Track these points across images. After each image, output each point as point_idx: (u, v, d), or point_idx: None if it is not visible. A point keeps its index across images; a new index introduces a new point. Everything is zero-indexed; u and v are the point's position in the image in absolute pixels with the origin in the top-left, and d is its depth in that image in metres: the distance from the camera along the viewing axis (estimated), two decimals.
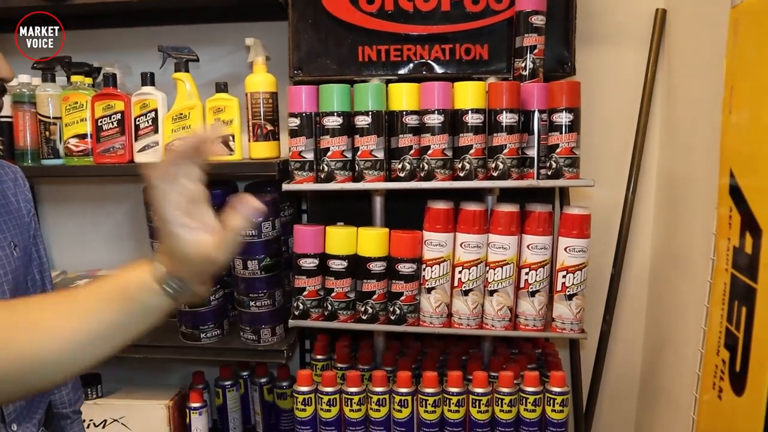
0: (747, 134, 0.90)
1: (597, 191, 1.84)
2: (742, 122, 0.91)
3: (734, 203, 0.93)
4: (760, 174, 0.85)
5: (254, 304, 1.67)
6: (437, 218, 1.49)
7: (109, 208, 2.07)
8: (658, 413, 1.84)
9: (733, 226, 0.92)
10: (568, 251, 1.49)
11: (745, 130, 0.91)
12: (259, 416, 1.93)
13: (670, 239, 1.78)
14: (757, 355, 0.81)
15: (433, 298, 1.51)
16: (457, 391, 1.56)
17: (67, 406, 1.29)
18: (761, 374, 0.79)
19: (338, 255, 1.52)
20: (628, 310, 1.92)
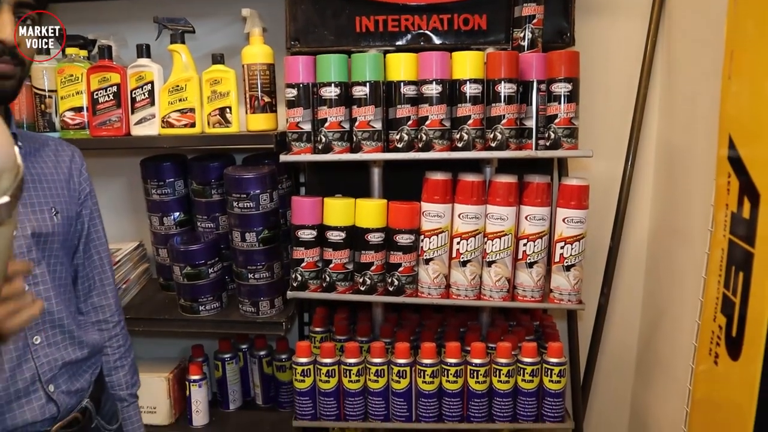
0: (746, 100, 0.90)
1: (595, 163, 1.84)
2: (741, 88, 0.91)
3: (733, 170, 0.92)
4: (760, 140, 0.85)
5: (253, 276, 1.67)
6: (435, 189, 1.49)
7: (105, 181, 2.06)
8: (655, 384, 1.85)
9: (732, 192, 0.92)
10: (566, 222, 1.48)
11: (744, 96, 0.90)
12: (259, 388, 1.95)
13: (668, 211, 1.78)
14: (754, 318, 0.81)
15: (432, 269, 1.51)
16: (455, 362, 1.57)
17: (124, 388, 1.32)
18: (757, 338, 0.80)
19: (336, 226, 1.52)
20: (626, 283, 1.93)
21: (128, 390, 1.33)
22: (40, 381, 1.06)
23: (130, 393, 1.34)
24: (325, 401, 1.62)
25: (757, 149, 0.86)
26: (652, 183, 1.85)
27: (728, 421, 0.96)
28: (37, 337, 1.06)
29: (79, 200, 1.19)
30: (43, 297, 1.07)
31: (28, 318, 0.83)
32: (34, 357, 1.05)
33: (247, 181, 1.60)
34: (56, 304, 1.09)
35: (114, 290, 1.30)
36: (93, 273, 1.25)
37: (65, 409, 1.10)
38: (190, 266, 1.70)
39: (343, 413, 1.63)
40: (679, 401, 1.61)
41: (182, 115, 1.70)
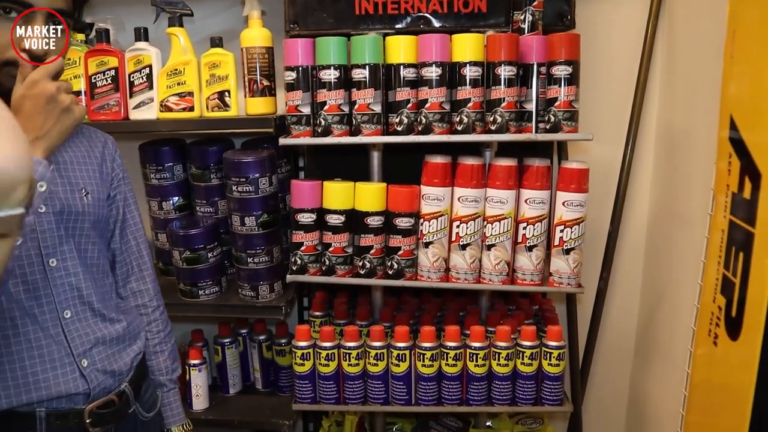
0: (748, 80, 0.89)
1: (595, 147, 1.83)
2: (743, 67, 0.90)
3: (734, 150, 0.92)
4: (761, 120, 0.85)
5: (252, 260, 1.67)
6: (435, 172, 1.48)
7: None
8: (653, 368, 1.86)
9: (732, 173, 0.91)
10: (566, 205, 1.48)
11: (746, 76, 0.90)
12: (258, 373, 1.95)
13: (668, 195, 1.77)
14: (754, 298, 0.81)
15: (431, 252, 1.51)
16: (455, 345, 1.58)
17: (163, 373, 1.33)
18: (757, 317, 0.80)
19: (336, 210, 1.51)
20: (625, 267, 1.93)
21: (168, 375, 1.33)
22: (72, 354, 1.08)
23: (170, 378, 1.34)
24: (324, 385, 1.62)
25: (759, 129, 0.86)
26: (652, 167, 1.85)
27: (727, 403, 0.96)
28: (67, 312, 1.08)
29: (111, 184, 1.22)
30: (71, 273, 1.10)
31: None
32: (65, 330, 1.08)
33: (246, 165, 1.60)
34: (84, 281, 1.11)
35: (152, 275, 1.32)
36: (130, 258, 1.27)
37: (100, 389, 1.11)
38: (190, 250, 1.70)
39: (343, 397, 1.64)
40: (678, 385, 1.62)
41: (181, 99, 1.69)
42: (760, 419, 0.86)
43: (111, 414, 1.13)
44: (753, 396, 0.84)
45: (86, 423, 1.09)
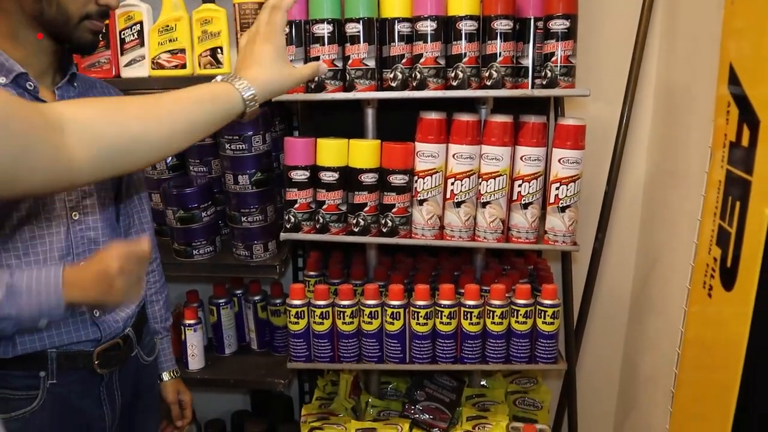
0: (749, 26, 0.87)
1: (592, 105, 1.81)
2: (744, 13, 0.88)
3: (732, 99, 0.90)
4: (761, 66, 0.83)
5: (246, 219, 1.66)
6: (429, 129, 1.47)
7: None
8: (647, 327, 1.87)
9: (731, 122, 0.90)
10: (561, 163, 1.47)
11: (747, 22, 0.88)
12: (254, 333, 1.96)
13: (665, 155, 1.76)
14: (749, 245, 0.81)
15: (425, 210, 1.50)
16: (449, 303, 1.57)
17: (158, 321, 1.42)
18: (752, 265, 0.79)
19: (329, 167, 1.50)
20: (621, 227, 1.93)
21: (162, 323, 1.43)
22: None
23: (164, 326, 1.44)
24: (319, 343, 1.63)
25: (759, 77, 0.84)
26: (650, 125, 1.83)
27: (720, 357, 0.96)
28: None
29: None
30: (90, 227, 1.14)
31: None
32: None
33: (239, 122, 1.57)
34: (101, 235, 1.15)
35: (151, 229, 1.37)
36: (133, 212, 1.31)
37: (108, 333, 1.17)
38: (183, 210, 1.69)
39: (337, 355, 1.64)
40: (672, 344, 1.62)
41: (173, 56, 1.67)
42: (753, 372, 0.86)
43: (117, 356, 1.20)
44: (746, 346, 0.84)
45: (95, 364, 1.15)
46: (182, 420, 1.51)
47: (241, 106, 0.93)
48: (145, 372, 1.32)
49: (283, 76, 0.97)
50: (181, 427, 1.52)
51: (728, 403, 0.91)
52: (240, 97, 0.92)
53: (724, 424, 0.93)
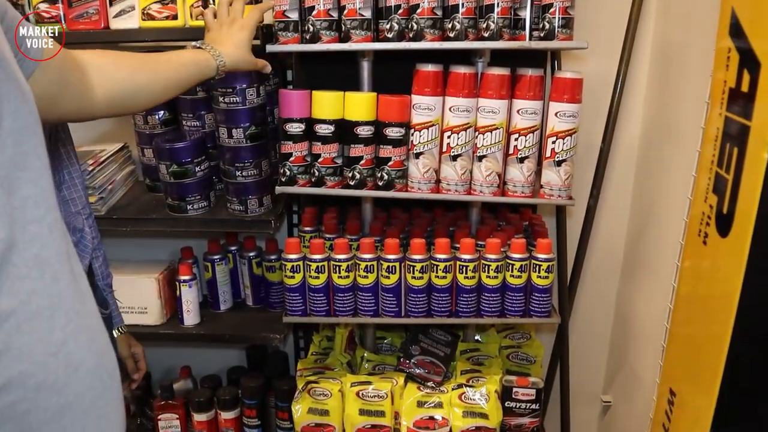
0: None
1: (589, 60, 1.80)
2: None
3: (733, 44, 0.90)
4: (761, 7, 0.82)
5: (240, 174, 1.65)
6: (426, 81, 1.45)
7: None
8: (640, 283, 1.89)
9: (731, 68, 0.89)
10: (558, 116, 1.46)
11: None
12: (249, 289, 1.96)
13: (661, 110, 1.75)
14: (746, 190, 0.81)
15: (422, 163, 1.50)
16: (445, 257, 1.58)
17: (100, 278, 1.38)
18: (749, 208, 0.80)
19: (325, 119, 1.48)
20: (616, 184, 1.93)
21: (104, 280, 1.38)
22: None
23: (107, 283, 1.39)
24: (314, 297, 1.63)
25: (760, 21, 0.83)
26: (646, 81, 1.82)
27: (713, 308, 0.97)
28: None
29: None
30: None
31: None
32: None
33: (233, 74, 1.54)
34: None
35: (83, 184, 1.30)
36: (61, 166, 1.24)
37: None
38: (177, 164, 1.68)
39: (333, 309, 1.65)
40: (663, 299, 1.64)
41: (163, 7, 1.63)
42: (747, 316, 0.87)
43: None
44: (740, 292, 0.85)
45: None
46: (138, 372, 1.52)
47: (213, 73, 1.21)
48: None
49: (247, 60, 1.29)
50: (137, 379, 1.53)
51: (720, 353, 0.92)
52: (215, 66, 1.21)
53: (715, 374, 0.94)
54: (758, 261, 0.80)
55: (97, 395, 0.70)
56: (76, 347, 0.67)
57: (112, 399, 0.74)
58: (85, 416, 0.68)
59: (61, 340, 0.65)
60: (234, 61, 1.24)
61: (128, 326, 1.51)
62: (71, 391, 0.66)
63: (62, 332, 0.65)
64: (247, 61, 1.29)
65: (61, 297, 0.66)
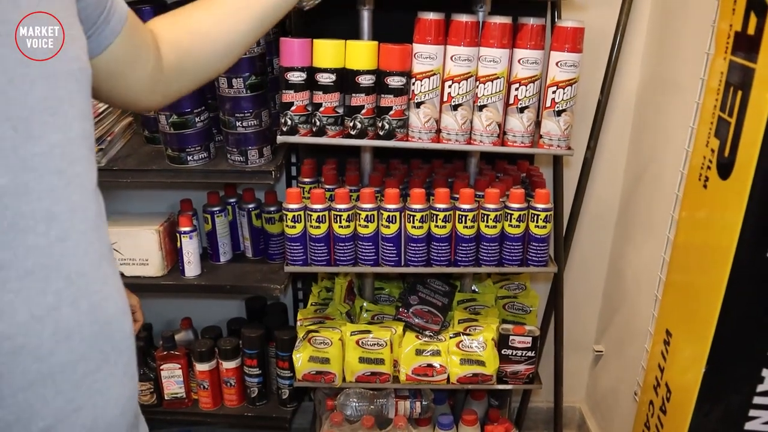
0: None
1: (589, 11, 1.79)
2: None
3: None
4: None
5: (240, 124, 1.65)
6: (428, 29, 1.44)
7: None
8: (633, 234, 1.92)
9: (737, 11, 0.90)
10: (559, 66, 1.46)
11: None
12: (248, 241, 1.98)
13: (660, 63, 1.76)
14: (749, 131, 0.83)
15: (422, 112, 1.50)
16: (444, 207, 1.60)
17: None
18: (751, 149, 0.81)
19: (326, 68, 1.48)
20: (613, 136, 1.95)
21: None
22: None
23: None
24: (315, 246, 1.65)
25: None
26: (646, 32, 1.82)
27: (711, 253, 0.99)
28: None
29: None
30: None
31: None
32: None
33: None
34: None
35: None
36: None
37: None
38: (177, 114, 1.67)
39: (334, 258, 1.67)
40: (657, 250, 1.68)
41: None
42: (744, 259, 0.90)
43: None
44: (739, 231, 0.87)
45: None
46: (135, 323, 1.52)
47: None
48: None
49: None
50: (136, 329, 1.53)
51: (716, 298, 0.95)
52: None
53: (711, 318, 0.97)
54: (758, 200, 0.82)
55: (95, 368, 0.65)
56: (71, 313, 0.62)
57: (115, 374, 0.68)
58: (75, 389, 0.63)
59: (52, 305, 0.60)
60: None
61: (130, 278, 1.51)
62: (57, 359, 0.61)
63: (56, 296, 0.61)
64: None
65: (63, 258, 0.61)
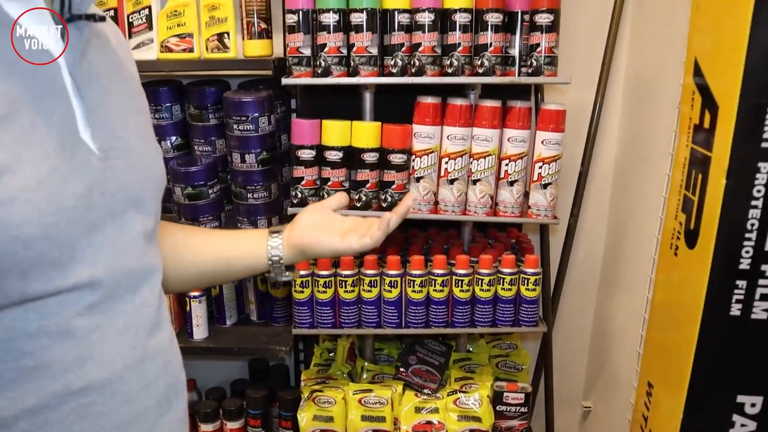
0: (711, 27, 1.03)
1: (569, 91, 1.97)
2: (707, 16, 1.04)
3: (697, 89, 1.06)
4: (719, 61, 0.99)
5: (251, 196, 1.78)
6: (426, 112, 1.61)
7: None
8: (616, 294, 2.05)
9: (695, 108, 1.06)
10: (544, 144, 1.63)
11: (709, 24, 1.04)
12: (254, 305, 2.07)
13: (634, 138, 1.93)
14: (709, 208, 0.97)
15: (422, 186, 1.65)
16: (442, 272, 1.73)
17: None
18: (711, 224, 0.96)
19: (334, 146, 1.63)
20: (594, 204, 2.10)
21: None
22: None
23: None
24: (321, 310, 1.76)
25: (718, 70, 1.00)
26: (621, 111, 2.00)
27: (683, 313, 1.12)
28: None
29: None
30: None
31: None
32: None
33: (247, 104, 1.69)
34: None
35: None
36: None
37: None
38: (191, 187, 1.80)
39: (339, 321, 1.78)
40: (638, 309, 1.81)
41: (181, 40, 1.76)
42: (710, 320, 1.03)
43: None
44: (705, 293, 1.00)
45: None
46: None
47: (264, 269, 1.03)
48: None
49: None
50: None
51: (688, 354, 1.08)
52: (266, 263, 1.03)
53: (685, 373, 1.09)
54: (719, 267, 0.96)
55: (164, 413, 0.75)
56: (152, 365, 0.73)
57: (177, 419, 0.79)
58: (152, 429, 0.74)
59: (139, 357, 0.71)
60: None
61: None
62: (141, 404, 0.72)
63: (142, 350, 0.71)
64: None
65: (147, 320, 0.73)
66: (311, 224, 1.01)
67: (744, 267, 0.97)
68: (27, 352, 0.61)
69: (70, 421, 0.65)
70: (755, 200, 0.93)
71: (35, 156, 0.58)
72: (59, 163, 0.60)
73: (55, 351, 0.63)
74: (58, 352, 0.63)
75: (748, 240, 0.95)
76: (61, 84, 0.64)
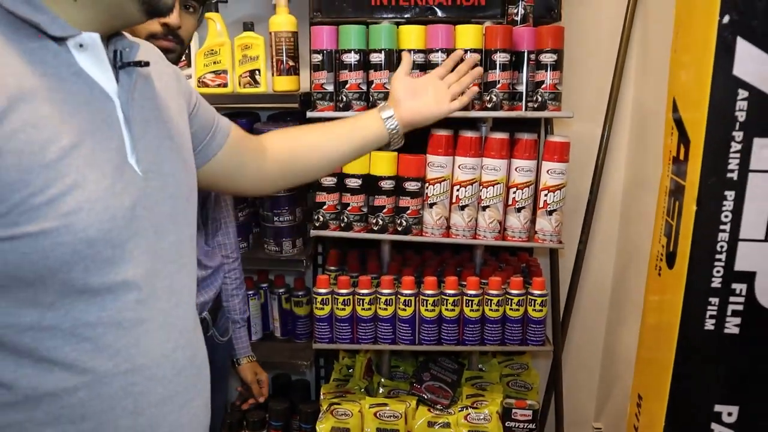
0: (685, 69, 1.15)
1: (577, 124, 2.09)
2: (682, 59, 1.16)
3: (675, 125, 1.18)
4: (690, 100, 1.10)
5: (278, 219, 1.92)
6: (439, 143, 1.74)
7: None
8: (625, 317, 2.13)
9: (673, 141, 1.17)
10: (549, 173, 1.74)
11: (683, 66, 1.15)
12: (278, 322, 2.21)
13: (640, 167, 2.03)
14: (683, 233, 1.08)
15: (435, 212, 1.77)
16: (453, 293, 1.84)
17: (237, 313, 1.66)
18: (685, 246, 1.07)
19: (354, 174, 1.77)
20: (603, 230, 2.20)
21: (241, 315, 1.67)
22: None
23: (242, 317, 1.68)
24: (341, 327, 1.88)
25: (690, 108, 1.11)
26: (627, 142, 2.11)
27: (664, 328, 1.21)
28: None
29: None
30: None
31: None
32: None
33: None
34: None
35: (235, 231, 1.62)
36: (220, 216, 1.56)
37: None
38: None
39: (356, 337, 1.90)
40: None
41: (216, 76, 1.92)
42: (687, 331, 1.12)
43: None
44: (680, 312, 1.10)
45: None
46: (262, 396, 1.79)
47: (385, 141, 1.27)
48: (218, 351, 1.54)
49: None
50: (261, 401, 1.82)
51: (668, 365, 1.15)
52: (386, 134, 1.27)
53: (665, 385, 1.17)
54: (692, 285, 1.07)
55: (191, 398, 0.88)
56: (182, 356, 0.86)
57: (203, 404, 0.92)
58: (181, 410, 0.86)
59: (171, 349, 0.84)
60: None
61: None
62: (174, 388, 0.84)
63: (174, 343, 0.85)
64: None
65: (178, 318, 0.86)
66: (406, 98, 1.26)
67: (716, 285, 1.07)
68: (87, 337, 0.75)
69: (118, 396, 0.78)
70: (723, 224, 1.04)
71: (97, 176, 0.73)
72: (113, 182, 0.75)
73: (108, 338, 0.77)
74: (110, 339, 0.77)
75: (719, 261, 1.06)
76: (116, 118, 0.78)
